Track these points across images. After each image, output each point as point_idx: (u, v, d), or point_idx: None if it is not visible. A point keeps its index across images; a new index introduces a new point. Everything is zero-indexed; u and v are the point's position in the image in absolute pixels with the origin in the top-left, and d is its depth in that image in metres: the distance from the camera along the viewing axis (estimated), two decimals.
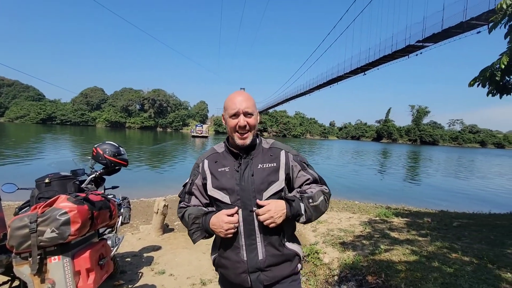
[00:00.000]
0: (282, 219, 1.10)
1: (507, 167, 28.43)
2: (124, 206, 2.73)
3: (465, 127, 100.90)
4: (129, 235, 4.41)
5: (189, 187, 1.27)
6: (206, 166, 1.24)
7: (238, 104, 1.16)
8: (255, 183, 1.15)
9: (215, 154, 1.27)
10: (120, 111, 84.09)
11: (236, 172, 1.18)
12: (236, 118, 1.16)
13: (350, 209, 7.00)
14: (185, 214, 1.23)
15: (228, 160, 1.22)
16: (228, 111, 1.19)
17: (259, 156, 1.22)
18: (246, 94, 1.21)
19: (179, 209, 1.28)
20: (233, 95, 1.21)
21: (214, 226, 1.13)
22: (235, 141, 1.19)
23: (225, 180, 1.17)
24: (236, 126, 1.16)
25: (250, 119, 1.17)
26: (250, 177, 1.16)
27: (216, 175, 1.19)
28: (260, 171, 1.18)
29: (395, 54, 24.86)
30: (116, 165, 2.70)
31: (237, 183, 1.15)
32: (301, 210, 1.12)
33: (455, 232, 4.29)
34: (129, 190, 8.19)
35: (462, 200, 10.58)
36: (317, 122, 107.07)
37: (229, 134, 1.23)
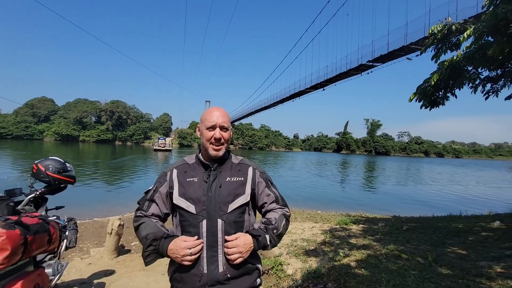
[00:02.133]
0: (249, 253, 1.15)
1: (446, 174, 32.08)
2: (69, 229, 2.47)
3: (412, 138, 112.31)
4: (77, 261, 3.98)
5: (152, 194, 1.25)
6: (174, 175, 1.25)
7: (215, 118, 1.23)
8: (222, 195, 1.19)
9: (185, 165, 1.29)
10: (73, 123, 77.32)
11: (204, 183, 1.20)
12: (213, 130, 1.23)
13: (313, 218, 7.21)
14: (141, 227, 1.19)
15: (198, 171, 1.25)
16: (205, 123, 1.24)
17: (228, 169, 1.27)
18: (223, 110, 1.28)
19: (136, 217, 1.24)
20: (211, 109, 1.28)
21: (171, 252, 1.12)
22: (208, 152, 1.23)
23: (193, 190, 1.19)
24: (211, 138, 1.22)
25: (225, 133, 1.25)
26: (218, 189, 1.19)
27: (184, 184, 1.21)
28: (228, 183, 1.22)
29: (349, 72, 27.02)
30: (61, 183, 2.45)
31: (204, 194, 1.18)
32: (267, 242, 1.19)
33: (405, 235, 4.65)
34: (81, 210, 7.50)
35: (411, 205, 11.58)
36: (282, 135, 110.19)
37: (203, 145, 1.27)
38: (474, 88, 4.82)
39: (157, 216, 1.25)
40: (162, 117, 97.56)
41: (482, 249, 3.78)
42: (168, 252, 1.11)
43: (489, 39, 3.87)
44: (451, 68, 4.41)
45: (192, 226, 1.17)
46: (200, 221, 1.16)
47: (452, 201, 13.16)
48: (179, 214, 1.22)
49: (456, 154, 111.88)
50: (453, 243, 4.12)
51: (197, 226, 1.16)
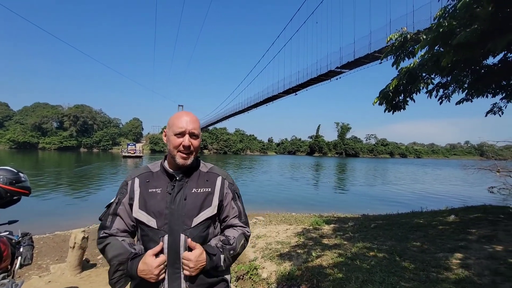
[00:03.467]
0: (198, 271, 1.06)
1: (409, 173, 34.47)
2: (24, 244, 2.26)
3: (378, 140, 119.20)
4: (35, 279, 3.65)
5: (115, 207, 1.14)
6: (136, 185, 1.14)
7: (185, 124, 1.13)
8: (187, 208, 1.10)
9: (148, 173, 1.18)
10: (31, 129, 71.13)
11: (168, 194, 1.11)
12: (181, 137, 1.13)
13: (287, 221, 7.32)
14: (107, 249, 1.08)
15: (161, 181, 1.15)
16: (173, 128, 1.14)
17: (195, 179, 1.18)
18: (193, 116, 1.18)
19: (100, 239, 1.12)
20: (180, 114, 1.17)
21: (143, 273, 1.02)
22: (175, 160, 1.13)
23: (154, 202, 1.10)
24: (180, 145, 1.12)
25: (195, 141, 1.15)
26: (182, 201, 1.11)
27: (145, 196, 1.11)
28: (193, 195, 1.13)
29: (319, 77, 28.10)
30: (14, 195, 2.24)
31: (167, 207, 1.09)
32: (220, 262, 1.10)
33: (373, 233, 4.90)
34: (40, 224, 6.94)
35: (379, 203, 12.26)
36: (257, 139, 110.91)
37: (169, 153, 1.16)
38: (429, 93, 5.29)
39: (124, 231, 1.14)
40: (132, 122, 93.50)
41: (440, 241, 4.10)
42: (139, 274, 1.02)
43: (440, 49, 4.27)
44: (408, 74, 4.81)
45: (152, 242, 1.07)
46: (161, 236, 1.07)
47: (414, 198, 14.14)
48: (140, 228, 1.12)
49: (417, 154, 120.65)
50: (415, 237, 4.42)
51: (158, 242, 1.07)
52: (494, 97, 5.37)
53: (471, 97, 5.37)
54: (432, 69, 4.37)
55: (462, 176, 23.73)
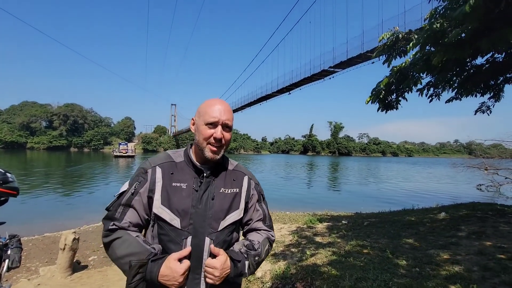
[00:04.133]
0: (222, 280, 0.96)
1: (401, 172, 35.04)
2: (12, 247, 2.19)
3: (370, 139, 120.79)
4: (24, 282, 3.57)
5: (129, 197, 0.97)
6: (158, 175, 0.99)
7: (219, 113, 1.00)
8: (214, 209, 1.00)
9: (171, 163, 1.03)
10: (18, 129, 69.40)
11: (194, 191, 0.99)
12: (214, 128, 1.00)
13: (281, 220, 7.34)
14: (116, 245, 0.92)
15: (187, 175, 1.02)
16: (205, 117, 1.01)
17: (222, 177, 1.07)
18: (228, 105, 1.06)
19: (107, 231, 0.94)
20: (213, 101, 1.04)
21: (165, 278, 0.88)
22: (204, 153, 1.00)
23: (179, 199, 0.97)
24: (211, 137, 1.00)
25: (227, 133, 1.03)
26: (210, 201, 1.00)
27: (169, 190, 0.98)
28: (221, 195, 1.03)
29: (313, 76, 28.25)
30: (1, 196, 2.17)
31: (193, 205, 0.98)
32: (244, 269, 1.00)
33: (366, 231, 4.96)
34: (28, 225, 6.77)
35: (371, 202, 12.42)
36: (250, 138, 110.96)
37: (198, 144, 1.03)
38: (420, 92, 5.36)
39: (136, 225, 0.99)
40: (124, 121, 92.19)
41: (431, 238, 4.18)
42: (159, 279, 0.88)
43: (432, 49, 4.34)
44: (400, 73, 4.87)
45: (173, 243, 0.96)
46: (184, 238, 0.96)
47: (406, 196, 14.38)
48: (158, 226, 0.99)
49: (408, 153, 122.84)
50: (407, 234, 4.49)
51: (179, 244, 0.95)
52: (482, 96, 5.49)
53: (460, 96, 5.48)
54: (423, 68, 4.44)
55: (452, 174, 24.28)
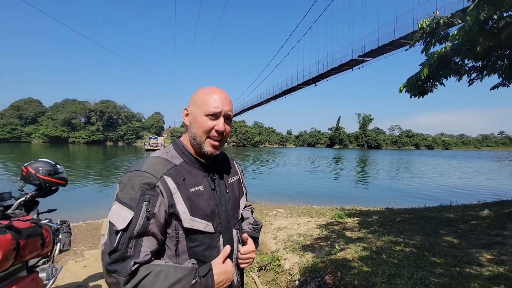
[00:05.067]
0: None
1: (437, 166, 32.82)
2: (63, 231, 2.42)
3: (403, 132, 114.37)
4: (72, 264, 3.92)
5: (144, 224, 0.77)
6: (171, 187, 0.84)
7: (221, 103, 0.90)
8: (231, 201, 1.00)
9: (175, 168, 0.89)
10: (61, 124, 75.70)
11: (212, 190, 0.94)
12: (215, 119, 0.90)
13: (308, 213, 7.27)
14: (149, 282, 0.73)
15: (198, 176, 0.92)
16: (204, 107, 0.89)
17: (223, 169, 1.04)
18: (227, 94, 0.94)
19: (128, 276, 0.72)
20: (213, 89, 0.92)
21: (221, 283, 0.86)
22: (202, 147, 0.91)
23: (204, 204, 0.89)
24: (212, 130, 0.90)
25: (228, 126, 0.95)
26: (225, 194, 0.99)
27: (191, 197, 0.87)
28: (231, 186, 1.03)
29: (341, 67, 27.25)
30: (53, 185, 2.40)
31: (217, 205, 0.94)
32: (258, 244, 1.10)
33: (399, 227, 4.74)
34: (74, 212, 7.37)
35: (404, 197, 11.82)
36: (275, 131, 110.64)
37: (195, 138, 0.92)
38: (459, 77, 4.92)
39: (155, 253, 0.82)
40: (154, 116, 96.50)
41: (472, 237, 3.89)
42: (216, 286, 0.85)
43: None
44: (440, 60, 4.50)
45: (210, 249, 0.90)
46: (218, 240, 0.93)
47: (443, 192, 13.47)
48: (188, 239, 0.87)
49: (445, 146, 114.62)
50: (445, 232, 4.22)
51: (216, 246, 0.92)
52: None
53: (508, 82, 4.96)
54: (467, 54, 4.06)
55: (496, 169, 22.24)
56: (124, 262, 0.74)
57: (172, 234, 0.85)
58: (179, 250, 0.86)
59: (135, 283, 0.72)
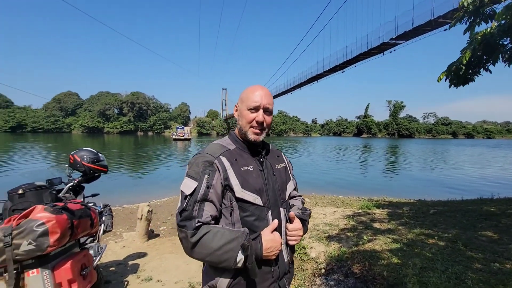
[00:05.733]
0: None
1: (477, 155, 30.29)
2: (105, 214, 2.65)
3: (438, 119, 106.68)
4: (113, 244, 4.28)
5: (205, 192, 0.98)
6: (226, 164, 1.04)
7: (260, 98, 1.09)
8: (278, 183, 1.16)
9: (229, 151, 1.10)
10: (97, 116, 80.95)
11: (260, 171, 1.11)
12: (255, 112, 1.09)
13: (334, 203, 7.18)
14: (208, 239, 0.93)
15: (247, 159, 1.11)
16: (247, 103, 1.09)
17: (270, 156, 1.21)
18: (268, 90, 1.14)
19: (193, 230, 0.93)
20: (254, 88, 1.12)
21: (269, 250, 0.99)
22: (247, 136, 1.10)
23: (253, 180, 1.06)
24: (253, 121, 1.09)
25: (268, 117, 1.13)
26: (272, 177, 1.14)
27: (242, 174, 1.05)
28: (278, 171, 1.19)
29: (370, 51, 25.76)
30: (96, 172, 2.62)
31: (265, 183, 1.10)
32: (307, 228, 1.20)
33: (432, 219, 4.53)
34: (111, 197, 7.94)
35: (438, 189, 11.17)
36: (300, 120, 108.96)
37: (241, 129, 1.12)
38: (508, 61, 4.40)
39: (214, 218, 1.01)
40: (181, 106, 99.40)
41: None
42: (264, 253, 0.98)
43: None
44: (485, 43, 4.06)
45: (259, 220, 1.05)
46: (266, 213, 1.07)
47: (483, 184, 12.50)
48: (240, 209, 1.03)
49: (487, 134, 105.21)
50: (485, 226, 3.96)
51: (265, 219, 1.06)
52: None
53: None
54: None
55: None
56: (191, 220, 0.94)
57: (227, 204, 1.03)
58: (233, 219, 1.03)
59: (198, 237, 0.92)
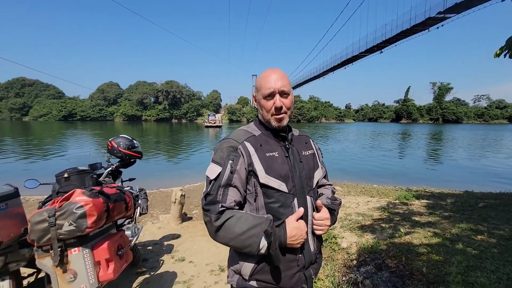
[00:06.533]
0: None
1: None
2: (141, 198, 2.80)
3: (492, 102, 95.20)
4: (150, 225, 4.58)
5: (229, 177, 0.97)
6: (250, 150, 1.02)
7: (273, 83, 1.03)
8: (305, 170, 1.11)
9: (254, 137, 1.07)
10: (136, 104, 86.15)
11: (285, 157, 1.07)
12: (272, 98, 1.04)
13: (368, 192, 6.87)
14: (231, 223, 0.92)
15: (272, 145, 1.07)
16: (262, 91, 1.05)
17: (297, 142, 1.16)
18: (280, 72, 1.07)
19: (217, 214, 0.94)
20: (266, 73, 1.07)
21: (293, 238, 0.96)
22: (270, 124, 1.07)
23: (278, 166, 1.03)
24: (272, 108, 1.04)
25: (286, 99, 1.06)
26: (299, 163, 1.10)
27: (267, 159, 1.02)
28: (305, 158, 1.13)
29: (414, 28, 23.46)
30: (131, 158, 2.76)
31: (290, 170, 1.06)
32: (336, 218, 1.15)
33: (481, 213, 4.10)
34: (147, 182, 8.45)
35: (488, 180, 10.09)
36: (332, 106, 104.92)
37: (263, 118, 1.09)
38: None
39: (238, 203, 1.00)
40: (212, 94, 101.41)
41: None
42: (288, 241, 0.95)
43: None
44: None
45: (284, 207, 1.02)
46: (292, 201, 1.04)
47: None
48: (264, 196, 1.01)
49: None
50: None
51: (290, 206, 1.03)
52: None
53: None
54: None
55: None
56: (215, 204, 0.95)
57: (252, 190, 1.02)
58: (258, 205, 1.02)
59: (222, 222, 0.93)
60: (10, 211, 1.47)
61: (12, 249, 1.50)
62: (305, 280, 1.06)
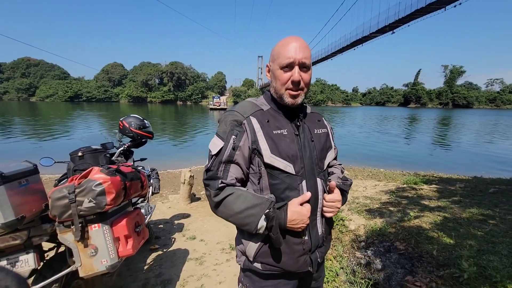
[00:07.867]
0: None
1: None
2: (153, 177, 2.83)
3: (506, 87, 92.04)
4: (160, 204, 4.67)
5: (230, 153, 0.91)
6: (255, 126, 0.93)
7: (293, 53, 0.90)
8: (316, 150, 1.02)
9: (261, 111, 0.98)
10: (140, 86, 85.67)
11: (295, 136, 0.98)
12: (290, 70, 0.92)
13: (375, 176, 6.86)
14: (231, 201, 0.90)
15: (282, 121, 0.98)
16: (279, 60, 0.92)
17: (309, 120, 1.07)
18: (303, 41, 0.93)
19: (216, 190, 0.91)
20: (287, 40, 0.93)
21: (293, 222, 0.90)
22: (283, 99, 0.96)
23: (286, 145, 0.94)
24: (288, 81, 0.93)
25: (305, 74, 0.94)
26: (310, 143, 1.01)
27: (273, 137, 0.93)
28: (317, 137, 1.05)
29: (429, 6, 22.32)
30: (142, 138, 2.75)
31: (299, 149, 0.97)
32: (346, 199, 1.11)
33: (492, 199, 4.06)
34: (156, 162, 8.56)
35: (498, 166, 9.95)
36: (339, 89, 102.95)
37: (276, 91, 0.98)
38: None
39: (240, 180, 0.96)
40: (217, 75, 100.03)
41: None
42: (288, 224, 0.90)
43: None
44: None
45: (290, 189, 0.95)
46: (299, 183, 0.96)
47: None
48: (269, 176, 0.94)
49: None
50: None
51: (296, 189, 0.95)
52: None
53: None
54: None
55: None
56: (215, 180, 0.92)
57: (256, 170, 0.95)
58: (262, 185, 0.96)
59: (221, 198, 0.90)
60: (31, 187, 1.49)
61: (35, 223, 1.54)
62: (311, 263, 1.01)
